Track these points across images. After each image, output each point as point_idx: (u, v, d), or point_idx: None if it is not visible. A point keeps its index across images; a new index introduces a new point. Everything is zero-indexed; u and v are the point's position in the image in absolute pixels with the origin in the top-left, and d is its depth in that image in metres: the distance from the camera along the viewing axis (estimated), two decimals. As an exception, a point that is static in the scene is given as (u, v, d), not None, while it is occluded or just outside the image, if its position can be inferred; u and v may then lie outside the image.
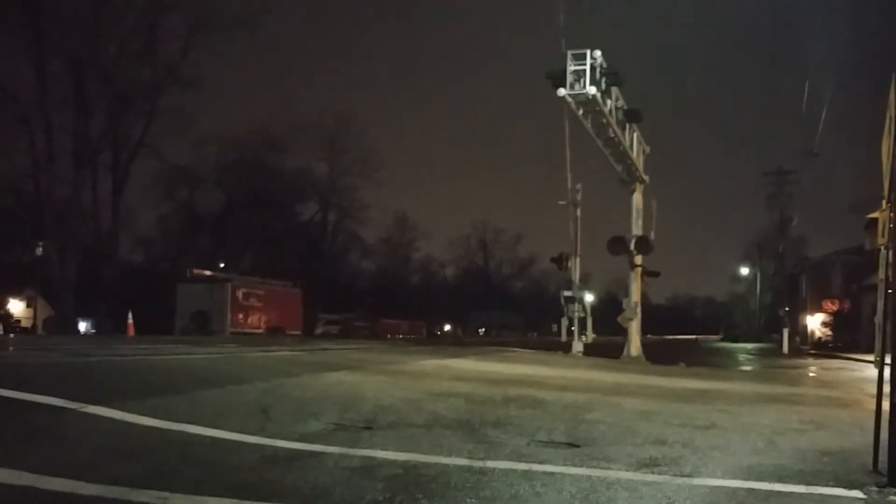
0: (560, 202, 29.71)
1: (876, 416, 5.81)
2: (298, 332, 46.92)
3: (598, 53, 21.52)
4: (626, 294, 29.78)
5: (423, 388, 10.12)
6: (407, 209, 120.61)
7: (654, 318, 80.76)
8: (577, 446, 6.42)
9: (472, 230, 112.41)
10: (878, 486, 5.23)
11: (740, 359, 35.20)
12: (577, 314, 28.99)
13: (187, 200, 67.90)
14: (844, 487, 5.25)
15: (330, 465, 5.25)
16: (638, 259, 28.55)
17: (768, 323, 76.53)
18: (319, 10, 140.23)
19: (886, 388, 5.41)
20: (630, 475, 5.39)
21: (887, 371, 5.38)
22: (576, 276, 29.56)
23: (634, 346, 28.19)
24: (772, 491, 5.11)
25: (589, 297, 32.33)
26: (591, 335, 30.08)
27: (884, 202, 6.01)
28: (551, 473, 5.32)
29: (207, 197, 69.12)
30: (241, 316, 43.78)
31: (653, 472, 5.51)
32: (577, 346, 28.10)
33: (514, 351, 25.53)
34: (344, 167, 73.98)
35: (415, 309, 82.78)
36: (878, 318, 5.98)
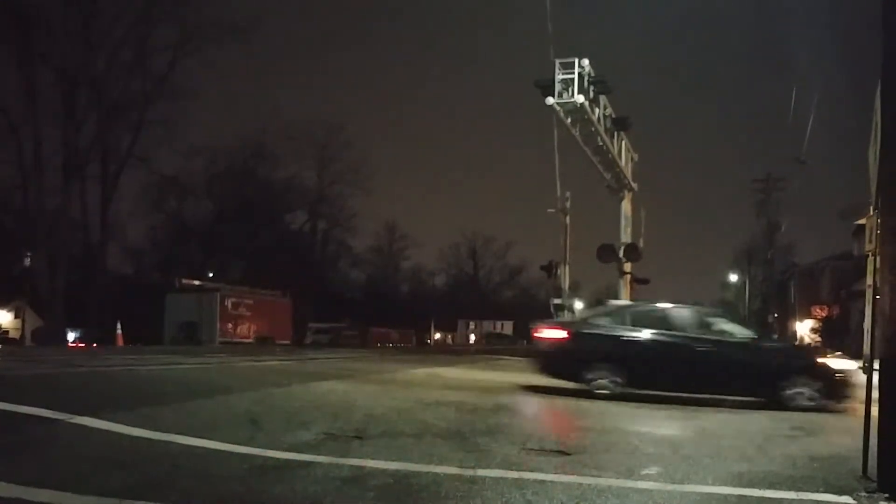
0: (549, 210, 29.77)
1: (865, 422, 5.83)
2: (288, 342, 46.77)
3: (585, 62, 21.61)
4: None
5: (413, 397, 10.11)
6: (396, 218, 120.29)
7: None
8: (568, 454, 6.41)
9: (461, 238, 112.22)
10: (867, 492, 5.24)
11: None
12: (566, 322, 28.99)
13: (176, 210, 67.73)
14: (834, 493, 5.26)
15: (320, 475, 5.23)
16: (627, 266, 28.63)
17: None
18: (308, 20, 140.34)
19: (875, 394, 5.43)
20: (621, 482, 5.39)
21: (875, 377, 5.40)
22: (565, 284, 29.61)
23: (624, 353, 28.18)
24: (762, 497, 5.11)
25: (578, 305, 32.39)
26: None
27: (871, 208, 6.04)
28: (542, 481, 5.31)
29: (196, 207, 68.97)
30: (230, 326, 43.63)
31: (643, 480, 5.52)
32: (568, 354, 28.06)
33: (503, 359, 25.56)
34: (333, 176, 73.89)
35: (404, 318, 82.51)
36: (867, 324, 6.00)
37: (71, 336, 47.83)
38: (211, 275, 58.29)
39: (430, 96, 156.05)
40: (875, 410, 5.39)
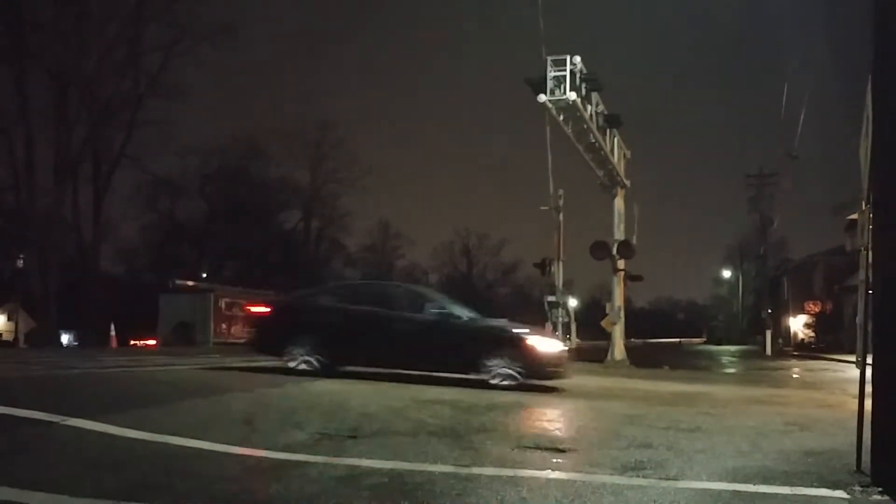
0: (542, 208, 29.76)
1: (858, 417, 5.84)
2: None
3: (577, 59, 21.64)
4: (610, 298, 29.91)
5: (407, 396, 10.10)
6: (390, 216, 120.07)
7: (638, 322, 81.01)
8: (563, 451, 6.42)
9: (455, 236, 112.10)
10: (861, 486, 5.26)
11: (723, 361, 35.34)
12: (560, 319, 29.02)
13: (169, 210, 67.59)
14: (828, 488, 5.28)
15: (314, 475, 5.23)
16: (621, 263, 28.67)
17: (751, 325, 76.82)
18: (300, 18, 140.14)
19: (868, 389, 5.44)
20: (615, 479, 5.40)
21: (869, 371, 5.41)
22: (559, 281, 29.61)
23: (618, 349, 28.30)
24: (756, 493, 5.12)
25: (572, 302, 32.42)
26: (574, 339, 30.13)
27: (863, 204, 6.06)
28: (537, 479, 5.32)
29: (189, 207, 68.84)
30: (224, 326, 43.53)
31: (638, 476, 5.52)
32: (562, 351, 28.09)
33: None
34: (327, 175, 73.74)
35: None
36: (860, 319, 6.02)
37: (65, 338, 47.70)
38: (204, 275, 58.18)
39: (423, 94, 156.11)
40: (868, 405, 5.40)
